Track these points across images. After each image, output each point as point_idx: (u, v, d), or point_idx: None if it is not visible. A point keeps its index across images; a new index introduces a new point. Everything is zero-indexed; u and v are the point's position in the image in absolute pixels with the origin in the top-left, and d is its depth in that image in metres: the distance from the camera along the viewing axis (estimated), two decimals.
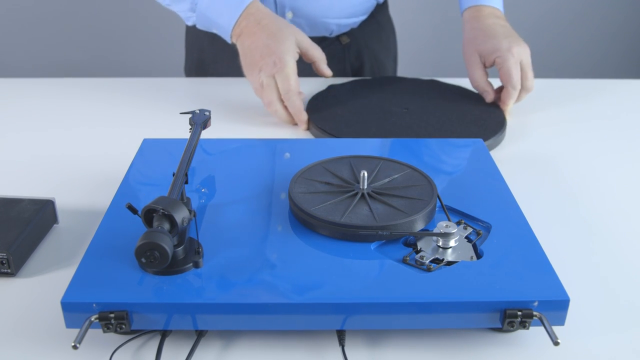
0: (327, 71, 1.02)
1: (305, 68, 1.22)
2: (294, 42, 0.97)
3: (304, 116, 0.96)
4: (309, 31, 1.19)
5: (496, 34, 1.03)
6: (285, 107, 0.97)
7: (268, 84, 0.95)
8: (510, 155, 0.90)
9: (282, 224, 0.64)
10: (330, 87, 1.07)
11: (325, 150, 0.78)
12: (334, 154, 0.74)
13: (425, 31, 2.52)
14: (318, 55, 1.01)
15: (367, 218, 0.62)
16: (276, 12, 1.13)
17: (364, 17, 1.23)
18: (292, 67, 0.94)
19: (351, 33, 1.23)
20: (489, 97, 1.02)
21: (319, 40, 1.20)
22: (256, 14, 0.98)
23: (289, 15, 1.14)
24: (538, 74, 1.04)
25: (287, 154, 0.78)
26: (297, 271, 0.57)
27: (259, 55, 0.95)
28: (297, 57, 0.97)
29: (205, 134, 0.81)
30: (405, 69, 1.63)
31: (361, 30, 1.24)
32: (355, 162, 0.72)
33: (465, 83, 1.11)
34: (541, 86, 1.15)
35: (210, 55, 1.26)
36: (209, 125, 0.75)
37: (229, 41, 1.01)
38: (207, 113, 0.74)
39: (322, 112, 0.98)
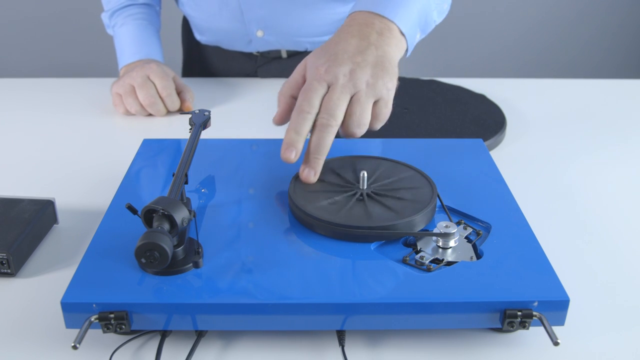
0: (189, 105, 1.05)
1: None
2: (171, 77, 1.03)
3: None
4: (281, 48, 1.18)
5: (332, 48, 0.70)
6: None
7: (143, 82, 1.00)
8: (510, 155, 0.90)
9: (283, 223, 0.64)
10: None
11: None
12: (333, 154, 0.74)
13: None
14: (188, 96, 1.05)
15: (361, 218, 0.62)
16: (245, 30, 1.13)
17: None
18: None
19: None
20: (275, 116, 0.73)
21: (294, 52, 1.19)
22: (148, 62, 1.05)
23: (259, 33, 1.13)
24: (539, 74, 1.03)
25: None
26: (297, 271, 0.57)
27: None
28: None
29: (205, 134, 0.81)
30: (405, 69, 1.62)
31: None
32: (359, 162, 0.72)
33: (465, 83, 1.11)
34: (541, 86, 1.15)
35: (196, 53, 1.27)
36: (209, 125, 0.75)
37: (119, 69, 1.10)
38: (207, 113, 0.74)
39: None
